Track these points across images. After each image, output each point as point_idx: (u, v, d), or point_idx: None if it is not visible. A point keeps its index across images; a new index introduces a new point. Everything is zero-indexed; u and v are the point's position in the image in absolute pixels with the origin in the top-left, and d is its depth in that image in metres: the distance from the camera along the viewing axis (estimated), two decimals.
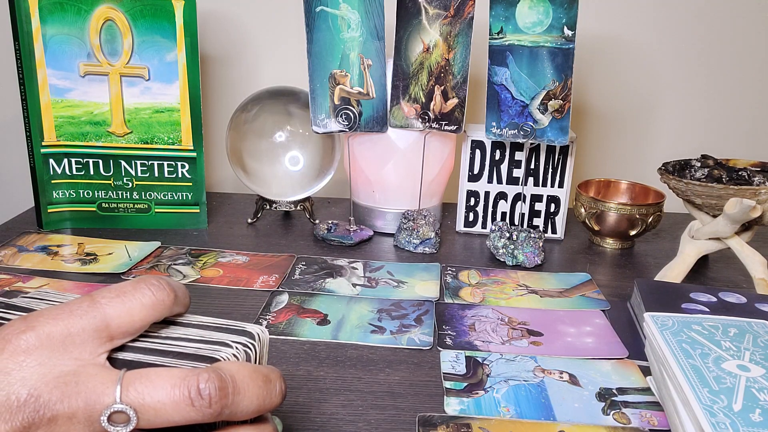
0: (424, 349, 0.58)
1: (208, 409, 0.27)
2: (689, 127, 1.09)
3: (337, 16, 0.77)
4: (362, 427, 0.47)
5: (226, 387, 0.28)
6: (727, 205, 0.67)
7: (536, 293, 0.70)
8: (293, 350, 0.57)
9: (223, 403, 0.28)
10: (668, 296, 0.62)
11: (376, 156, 0.84)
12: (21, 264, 0.72)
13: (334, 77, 0.78)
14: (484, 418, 0.48)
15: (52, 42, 0.77)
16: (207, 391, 0.27)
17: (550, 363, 0.56)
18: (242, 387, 0.29)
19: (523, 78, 0.77)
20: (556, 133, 0.77)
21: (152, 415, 0.27)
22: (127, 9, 0.77)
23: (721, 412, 0.39)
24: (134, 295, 0.29)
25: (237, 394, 0.28)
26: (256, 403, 0.29)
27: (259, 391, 0.29)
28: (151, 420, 0.27)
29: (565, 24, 0.74)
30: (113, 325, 0.28)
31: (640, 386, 0.53)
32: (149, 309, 0.30)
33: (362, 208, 0.88)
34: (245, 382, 0.29)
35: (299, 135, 0.85)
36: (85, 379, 0.26)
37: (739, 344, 0.48)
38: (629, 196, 0.90)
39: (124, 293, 0.29)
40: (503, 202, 0.87)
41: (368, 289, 0.69)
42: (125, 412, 0.26)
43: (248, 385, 0.29)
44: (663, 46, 1.04)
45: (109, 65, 0.79)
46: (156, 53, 0.79)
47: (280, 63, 1.05)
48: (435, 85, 0.79)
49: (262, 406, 0.30)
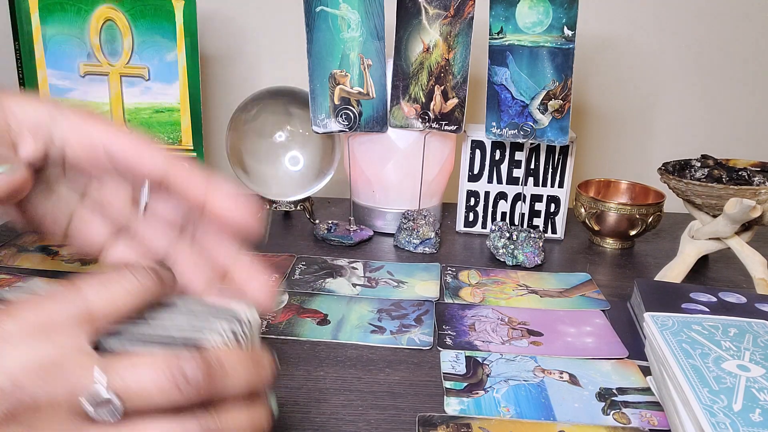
0: (424, 349, 0.58)
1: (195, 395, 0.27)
2: (689, 127, 1.09)
3: (337, 16, 0.77)
4: (362, 427, 0.47)
5: (213, 372, 0.28)
6: (727, 205, 0.67)
7: (536, 293, 0.70)
8: (293, 350, 0.57)
9: (210, 388, 0.28)
10: (668, 296, 0.62)
11: (376, 156, 0.84)
12: (21, 264, 0.72)
13: (334, 77, 0.78)
14: (484, 418, 0.48)
15: (52, 42, 0.77)
16: (193, 376, 0.27)
17: (550, 363, 0.56)
18: (230, 371, 0.29)
19: (523, 78, 0.77)
20: (556, 133, 0.77)
21: (137, 400, 0.27)
22: (127, 9, 0.77)
23: (721, 412, 0.39)
24: (118, 282, 0.29)
25: (225, 377, 0.28)
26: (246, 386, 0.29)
27: (247, 375, 0.29)
28: (136, 405, 0.27)
29: (565, 24, 0.74)
30: (96, 311, 0.28)
31: (640, 386, 0.53)
32: (133, 295, 0.30)
33: (362, 208, 0.88)
34: (233, 367, 0.29)
35: (299, 135, 0.85)
36: (68, 366, 0.26)
37: (739, 344, 0.48)
38: (629, 196, 0.90)
39: (107, 280, 0.29)
40: (503, 202, 0.87)
41: (368, 289, 0.69)
42: (109, 399, 0.26)
43: (236, 369, 0.29)
44: (663, 46, 1.04)
45: (109, 65, 0.79)
46: (156, 53, 0.79)
47: (280, 63, 1.05)
48: (435, 85, 0.79)
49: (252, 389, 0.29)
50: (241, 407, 0.30)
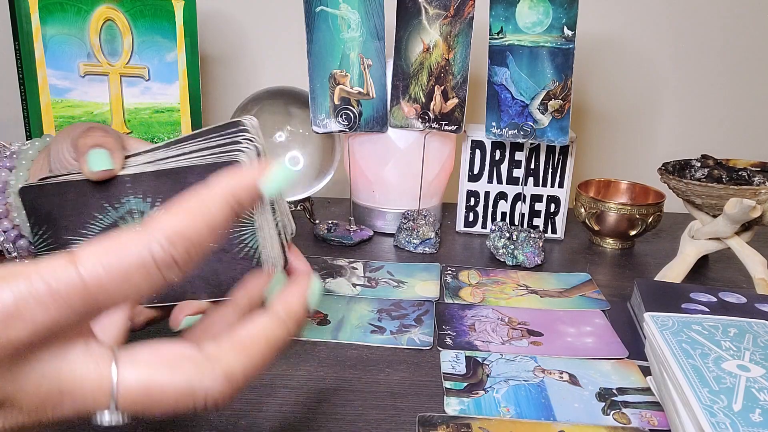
0: (424, 349, 0.58)
1: (178, 272, 0.26)
2: (689, 127, 1.09)
3: (337, 16, 0.77)
4: (362, 427, 0.47)
5: (188, 249, 0.26)
6: (727, 205, 0.67)
7: (536, 293, 0.70)
8: (293, 350, 0.57)
9: (188, 266, 0.26)
10: (668, 296, 0.62)
11: (376, 156, 0.84)
12: None
13: (334, 77, 0.78)
14: (484, 418, 0.48)
15: (52, 42, 0.77)
16: (166, 257, 0.25)
17: (550, 363, 0.56)
18: (199, 238, 0.26)
19: (523, 78, 0.77)
20: (556, 133, 0.77)
21: (115, 290, 0.25)
22: (127, 9, 0.77)
23: (721, 412, 0.39)
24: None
25: (200, 246, 0.26)
26: (219, 228, 0.27)
27: (224, 220, 0.27)
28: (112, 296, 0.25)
29: (565, 24, 0.74)
30: None
31: (640, 386, 0.53)
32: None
33: (362, 208, 0.88)
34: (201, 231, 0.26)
35: (299, 135, 0.85)
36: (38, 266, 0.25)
37: (739, 344, 0.48)
38: (629, 196, 0.90)
39: None
40: (503, 202, 0.87)
41: (368, 289, 0.69)
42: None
43: (203, 235, 0.27)
44: (663, 46, 1.04)
45: (109, 65, 0.79)
46: (156, 53, 0.79)
47: (280, 63, 1.05)
48: (435, 85, 0.79)
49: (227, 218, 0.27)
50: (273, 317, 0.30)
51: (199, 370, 0.27)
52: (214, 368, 0.27)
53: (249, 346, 0.29)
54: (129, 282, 0.25)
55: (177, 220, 0.26)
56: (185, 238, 0.26)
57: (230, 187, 0.27)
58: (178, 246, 0.26)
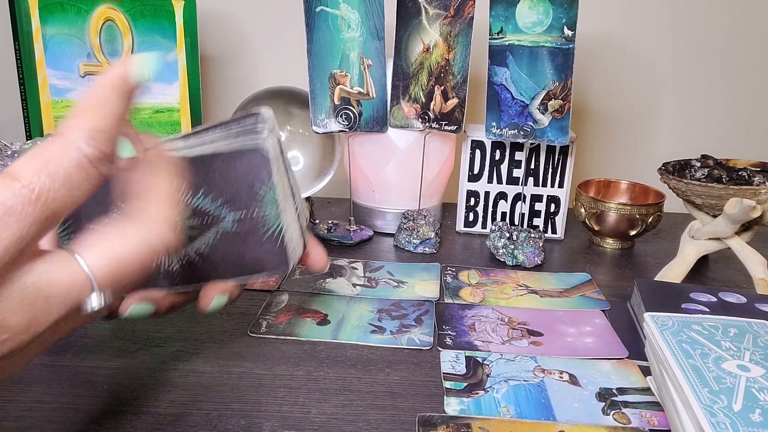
0: (424, 349, 0.58)
1: (110, 165, 0.30)
2: (689, 127, 1.09)
3: (337, 16, 0.77)
4: (362, 427, 0.47)
5: (110, 139, 0.30)
6: (727, 205, 0.67)
7: (536, 293, 0.70)
8: (293, 350, 0.57)
9: (113, 156, 0.30)
10: (668, 296, 0.62)
11: (376, 156, 0.84)
12: None
13: (334, 77, 0.78)
14: (484, 418, 0.48)
15: (52, 42, 0.77)
16: (96, 152, 0.29)
17: (550, 363, 0.56)
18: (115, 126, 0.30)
19: (523, 78, 0.77)
20: (556, 133, 0.77)
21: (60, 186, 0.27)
22: (127, 9, 0.77)
23: (721, 412, 0.39)
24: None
25: (115, 134, 0.30)
26: (124, 114, 0.31)
27: (125, 105, 0.31)
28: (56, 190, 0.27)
29: (565, 24, 0.74)
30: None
31: (640, 386, 0.53)
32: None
33: (362, 208, 0.88)
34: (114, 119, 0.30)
35: (299, 135, 0.85)
36: None
37: (739, 344, 0.48)
38: (629, 196, 0.90)
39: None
40: (503, 202, 0.87)
41: (368, 289, 0.69)
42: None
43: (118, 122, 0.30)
44: (663, 46, 1.04)
45: (109, 65, 0.79)
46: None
47: (280, 63, 1.05)
48: (435, 85, 0.79)
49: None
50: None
51: (147, 229, 0.31)
52: (155, 221, 0.31)
53: (161, 191, 0.33)
54: (72, 184, 0.28)
55: (88, 119, 0.29)
56: (102, 131, 0.29)
57: (117, 76, 0.30)
58: (100, 140, 0.29)
